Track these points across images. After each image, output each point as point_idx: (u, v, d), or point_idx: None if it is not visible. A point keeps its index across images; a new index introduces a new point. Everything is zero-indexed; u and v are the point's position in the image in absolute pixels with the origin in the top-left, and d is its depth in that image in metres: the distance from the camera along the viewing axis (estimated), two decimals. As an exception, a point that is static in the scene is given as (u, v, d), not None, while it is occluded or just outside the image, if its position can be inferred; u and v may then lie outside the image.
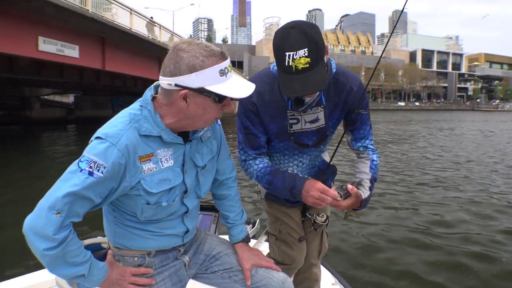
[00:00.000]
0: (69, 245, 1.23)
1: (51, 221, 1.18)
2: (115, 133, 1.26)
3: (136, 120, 1.32)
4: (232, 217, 1.74)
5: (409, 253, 5.26)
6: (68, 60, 17.05)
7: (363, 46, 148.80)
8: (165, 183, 1.37)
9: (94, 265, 1.34)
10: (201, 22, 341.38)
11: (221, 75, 1.28)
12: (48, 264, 1.23)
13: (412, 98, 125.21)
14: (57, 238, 1.19)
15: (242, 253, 1.67)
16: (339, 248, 5.33)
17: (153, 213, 1.39)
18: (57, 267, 1.24)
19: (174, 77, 1.26)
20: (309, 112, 1.77)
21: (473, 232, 6.06)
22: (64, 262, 1.24)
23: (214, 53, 1.27)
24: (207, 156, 1.53)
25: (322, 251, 2.21)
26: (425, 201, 7.89)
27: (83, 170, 1.21)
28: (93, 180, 1.21)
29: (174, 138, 1.38)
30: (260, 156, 1.85)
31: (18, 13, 13.57)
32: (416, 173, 10.89)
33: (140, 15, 21.36)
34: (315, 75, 1.45)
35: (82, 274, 1.30)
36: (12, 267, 4.44)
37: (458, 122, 42.42)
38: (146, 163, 1.32)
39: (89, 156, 1.22)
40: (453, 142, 20.42)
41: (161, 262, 1.53)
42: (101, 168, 1.21)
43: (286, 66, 1.44)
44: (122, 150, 1.25)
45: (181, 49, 1.26)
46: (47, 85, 32.42)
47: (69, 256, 1.24)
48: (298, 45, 1.42)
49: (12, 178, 10.18)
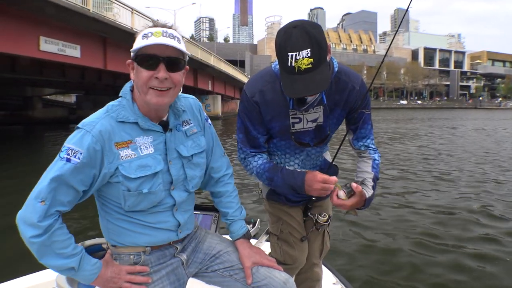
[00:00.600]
0: (56, 235, 1.29)
1: (36, 209, 1.26)
2: (91, 121, 1.35)
3: (114, 110, 1.40)
4: (231, 213, 1.74)
5: (410, 252, 5.22)
6: (70, 60, 17.09)
7: (365, 45, 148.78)
8: (144, 169, 1.40)
9: (86, 260, 1.38)
10: (202, 22, 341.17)
11: (143, 39, 1.34)
12: (36, 252, 1.29)
13: (414, 96, 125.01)
14: (42, 225, 1.26)
15: (243, 250, 1.65)
16: (340, 247, 5.30)
17: (135, 201, 1.40)
18: (45, 256, 1.30)
19: (131, 53, 1.40)
20: (311, 111, 1.76)
21: (477, 232, 6.00)
22: (52, 252, 1.29)
23: (154, 25, 1.38)
24: (193, 150, 1.55)
25: (323, 250, 2.20)
26: (428, 201, 7.84)
27: (62, 158, 1.29)
28: (70, 166, 1.28)
29: (152, 126, 1.43)
30: (259, 153, 1.86)
31: (19, 13, 13.58)
32: (420, 173, 10.82)
33: (141, 15, 21.33)
34: (317, 76, 1.43)
35: (71, 267, 1.34)
36: (13, 268, 4.41)
37: (461, 120, 42.30)
38: (124, 150, 1.37)
39: (68, 145, 1.31)
40: (457, 140, 20.33)
41: (157, 260, 1.53)
42: (77, 154, 1.29)
43: (289, 66, 1.42)
44: (97, 136, 1.32)
45: (141, 30, 1.40)
46: (49, 85, 32.49)
47: (57, 246, 1.30)
48: (301, 45, 1.40)
49: (13, 179, 10.21)
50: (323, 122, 1.80)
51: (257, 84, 1.75)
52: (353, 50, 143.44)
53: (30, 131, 27.83)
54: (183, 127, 1.54)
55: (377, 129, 28.25)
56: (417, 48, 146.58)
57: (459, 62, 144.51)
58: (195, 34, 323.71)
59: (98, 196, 1.47)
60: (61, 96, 46.15)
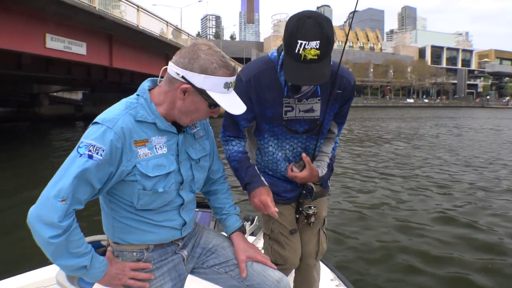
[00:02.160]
0: (72, 234, 1.27)
1: (57, 208, 1.22)
2: (112, 117, 1.33)
3: (132, 107, 1.39)
4: (226, 208, 1.78)
5: (408, 249, 5.22)
6: (76, 57, 17.14)
7: (371, 43, 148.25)
8: (160, 169, 1.42)
9: (95, 258, 1.38)
10: (209, 19, 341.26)
11: (225, 87, 1.38)
12: (52, 253, 1.26)
13: (421, 95, 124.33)
14: (62, 225, 1.23)
15: (238, 244, 1.68)
16: (337, 244, 5.29)
17: (149, 200, 1.42)
18: (60, 257, 1.28)
19: (185, 70, 1.35)
20: (304, 102, 1.81)
21: (473, 231, 5.95)
22: (67, 252, 1.27)
23: (227, 66, 1.37)
24: (200, 153, 1.59)
25: (319, 252, 2.16)
26: (428, 200, 7.79)
27: (83, 154, 1.26)
28: (93, 163, 1.26)
29: (168, 127, 1.44)
30: (238, 139, 1.93)
31: (25, 11, 13.62)
32: (422, 173, 10.71)
33: (146, 12, 21.36)
34: (320, 68, 1.50)
35: (84, 266, 1.33)
36: (13, 265, 4.39)
37: (470, 119, 41.99)
38: (141, 148, 1.38)
39: (87, 141, 1.28)
40: (464, 140, 20.16)
41: (159, 256, 1.55)
42: (99, 151, 1.27)
43: (296, 53, 1.48)
44: (118, 133, 1.31)
45: (201, 49, 1.36)
46: (55, 82, 32.64)
47: (72, 246, 1.28)
48: (312, 36, 1.46)
49: (17, 176, 10.21)
50: (319, 115, 1.85)
51: (252, 69, 1.80)
52: (360, 48, 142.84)
53: (36, 128, 27.98)
54: (192, 130, 1.58)
55: (381, 125, 28.19)
56: (424, 46, 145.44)
57: (466, 60, 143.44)
58: (202, 31, 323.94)
59: (106, 193, 1.46)
60: (67, 93, 46.32)
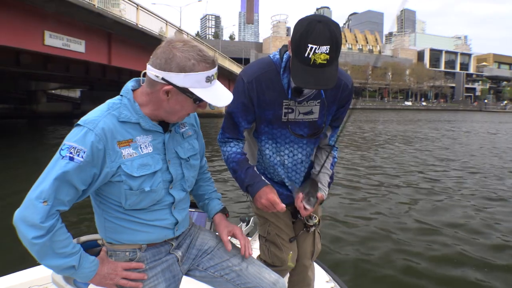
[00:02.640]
0: (57, 235, 1.28)
1: (38, 209, 1.23)
2: (93, 119, 1.33)
3: (115, 108, 1.39)
4: (208, 193, 1.82)
5: (404, 250, 5.24)
6: (74, 55, 17.04)
7: (370, 45, 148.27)
8: (145, 168, 1.41)
9: (84, 258, 1.38)
10: (208, 19, 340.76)
11: (207, 81, 1.36)
12: (37, 253, 1.27)
13: (419, 98, 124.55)
14: (44, 226, 1.24)
15: (220, 222, 1.73)
16: (332, 245, 5.30)
17: (137, 200, 1.42)
18: (46, 257, 1.29)
19: (163, 71, 1.33)
20: (305, 104, 1.82)
21: (468, 235, 5.95)
22: (53, 252, 1.28)
23: (205, 59, 1.35)
24: (189, 152, 1.59)
25: (315, 252, 2.19)
26: (424, 201, 7.82)
27: (64, 156, 1.27)
28: (74, 165, 1.27)
29: (153, 126, 1.44)
30: (237, 140, 1.93)
31: (24, 7, 13.56)
32: (419, 174, 10.72)
33: (146, 11, 21.32)
34: (329, 73, 1.51)
35: (72, 266, 1.33)
36: (8, 264, 4.36)
37: (468, 122, 42.02)
38: (126, 148, 1.37)
39: (69, 143, 1.29)
40: (464, 142, 20.21)
41: (153, 256, 1.55)
42: (80, 153, 1.28)
43: (305, 57, 1.48)
44: (100, 135, 1.31)
45: (176, 47, 1.33)
46: (53, 80, 32.58)
47: (58, 246, 1.29)
48: (323, 40, 1.46)
49: (13, 173, 10.17)
50: (318, 117, 1.86)
51: (253, 71, 1.80)
52: (359, 50, 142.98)
53: (34, 125, 27.93)
54: (180, 129, 1.58)
55: (382, 128, 28.20)
56: (423, 49, 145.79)
57: (465, 64, 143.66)
58: (201, 31, 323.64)
59: (96, 195, 1.46)
60: (65, 91, 46.28)
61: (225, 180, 9.30)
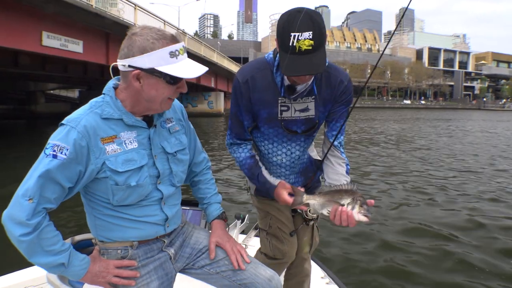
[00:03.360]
0: (44, 232, 1.30)
1: (24, 207, 1.26)
2: (75, 117, 1.36)
3: (98, 106, 1.41)
4: (208, 197, 1.82)
5: (398, 248, 5.24)
6: (72, 55, 17.09)
7: (369, 44, 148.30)
8: (130, 163, 1.41)
9: (74, 256, 1.39)
10: (207, 18, 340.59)
11: (172, 57, 1.36)
12: (25, 251, 1.29)
13: (418, 96, 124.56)
14: (31, 223, 1.26)
15: (215, 230, 1.73)
16: (327, 241, 5.30)
17: (124, 195, 1.42)
18: (34, 254, 1.30)
19: (128, 58, 1.35)
20: (299, 101, 1.83)
21: (462, 235, 5.90)
22: (41, 249, 1.30)
23: (164, 36, 1.36)
24: (176, 146, 1.59)
25: (313, 245, 2.23)
26: (422, 201, 7.77)
27: (48, 155, 1.29)
28: (57, 162, 1.29)
29: (136, 121, 1.45)
30: (244, 142, 1.96)
31: (22, 8, 13.53)
32: (417, 174, 10.63)
33: (144, 11, 21.28)
34: (316, 58, 1.51)
35: (61, 263, 1.34)
36: (2, 264, 4.34)
37: (465, 121, 42.03)
38: (109, 145, 1.39)
39: (53, 142, 1.31)
40: (465, 141, 20.18)
41: (145, 254, 1.55)
42: (63, 150, 1.30)
43: (290, 46, 1.49)
44: (82, 132, 1.33)
45: (134, 33, 1.36)
46: (52, 80, 32.51)
47: (46, 243, 1.31)
48: (304, 27, 1.48)
49: (10, 173, 10.12)
50: (314, 114, 1.86)
51: (248, 71, 1.83)
52: (358, 49, 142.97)
53: (33, 126, 27.90)
54: (166, 124, 1.59)
55: (382, 128, 28.13)
56: (422, 48, 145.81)
57: (463, 62, 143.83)
58: (199, 30, 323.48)
59: (85, 193, 1.48)
60: (64, 91, 46.24)
61: (219, 177, 9.36)
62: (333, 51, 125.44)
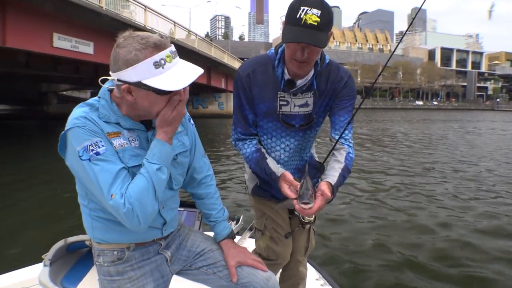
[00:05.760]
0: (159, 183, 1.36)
1: (117, 204, 1.28)
2: (77, 117, 1.32)
3: (95, 108, 1.37)
4: (214, 215, 1.76)
5: (394, 250, 5.20)
6: (83, 57, 17.26)
7: (381, 44, 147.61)
8: (137, 158, 1.40)
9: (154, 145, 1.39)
10: (218, 20, 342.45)
11: (157, 67, 1.28)
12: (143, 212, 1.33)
13: (430, 97, 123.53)
14: (126, 209, 1.29)
15: (228, 251, 1.68)
16: (322, 243, 5.30)
17: None
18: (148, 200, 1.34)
19: (115, 72, 1.31)
20: (299, 96, 1.85)
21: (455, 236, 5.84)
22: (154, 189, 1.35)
23: (147, 45, 1.28)
24: (178, 149, 1.55)
25: (309, 248, 2.24)
26: (422, 202, 7.71)
27: (91, 157, 1.28)
28: (102, 154, 1.29)
29: (133, 124, 1.42)
30: (250, 137, 1.94)
31: (33, 10, 13.66)
32: (416, 176, 10.50)
33: (154, 12, 21.40)
34: (318, 35, 1.54)
35: (158, 168, 1.36)
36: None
37: (478, 122, 41.51)
38: (116, 139, 1.36)
39: (81, 146, 1.28)
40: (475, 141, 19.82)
41: (141, 256, 1.54)
42: (98, 143, 1.29)
43: (297, 18, 1.53)
44: (92, 121, 1.32)
45: (118, 44, 1.30)
46: (63, 81, 32.84)
47: (159, 188, 1.37)
48: (314, 4, 1.53)
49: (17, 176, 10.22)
50: (312, 109, 1.88)
51: (250, 65, 1.87)
52: (369, 50, 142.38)
53: (45, 126, 28.33)
54: None
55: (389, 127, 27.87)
56: (434, 48, 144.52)
57: (476, 62, 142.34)
58: (211, 32, 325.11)
59: (82, 194, 1.46)
60: (76, 92, 46.74)
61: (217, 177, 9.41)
62: (344, 51, 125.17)
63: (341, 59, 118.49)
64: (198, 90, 39.41)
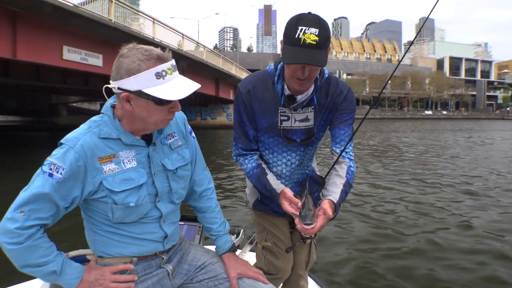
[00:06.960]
0: (36, 242, 1.31)
1: (16, 218, 1.27)
2: (73, 137, 1.36)
3: (96, 126, 1.41)
4: (216, 228, 1.77)
5: (396, 262, 5.11)
6: (92, 69, 17.40)
7: (389, 54, 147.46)
8: (128, 183, 1.42)
9: (67, 264, 1.39)
10: (226, 31, 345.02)
11: (158, 78, 1.34)
12: (15, 259, 1.30)
13: (439, 107, 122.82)
14: (22, 233, 1.27)
15: (229, 263, 1.69)
16: (323, 256, 5.21)
17: (123, 214, 1.43)
18: (25, 264, 1.32)
19: (116, 81, 1.35)
20: (300, 111, 1.86)
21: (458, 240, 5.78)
22: (32, 260, 1.31)
23: (150, 57, 1.33)
24: (178, 162, 1.58)
25: (310, 262, 2.23)
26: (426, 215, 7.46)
27: (45, 172, 1.30)
28: (52, 181, 1.29)
29: (134, 140, 1.45)
30: (250, 153, 1.95)
31: (43, 23, 13.86)
32: (418, 185, 10.22)
33: (162, 24, 21.59)
34: (317, 54, 1.55)
35: (53, 271, 1.34)
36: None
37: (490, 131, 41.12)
38: (107, 164, 1.39)
39: (50, 160, 1.32)
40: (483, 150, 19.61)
41: (143, 270, 1.55)
42: (60, 170, 1.31)
43: (296, 38, 1.54)
44: (79, 152, 1.33)
45: (122, 54, 1.35)
46: (73, 93, 33.21)
47: (37, 255, 1.32)
48: (312, 24, 1.54)
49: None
50: (313, 123, 1.89)
51: (250, 81, 1.87)
52: (377, 60, 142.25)
53: (55, 138, 28.58)
54: (167, 140, 1.58)
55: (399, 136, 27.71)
56: (443, 57, 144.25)
57: (485, 71, 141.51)
58: (219, 43, 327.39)
59: (85, 209, 1.48)
60: (86, 104, 47.23)
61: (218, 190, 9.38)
62: (352, 62, 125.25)
63: (350, 69, 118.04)
64: (206, 101, 39.59)
